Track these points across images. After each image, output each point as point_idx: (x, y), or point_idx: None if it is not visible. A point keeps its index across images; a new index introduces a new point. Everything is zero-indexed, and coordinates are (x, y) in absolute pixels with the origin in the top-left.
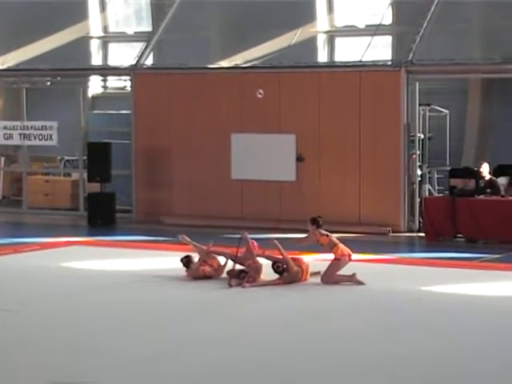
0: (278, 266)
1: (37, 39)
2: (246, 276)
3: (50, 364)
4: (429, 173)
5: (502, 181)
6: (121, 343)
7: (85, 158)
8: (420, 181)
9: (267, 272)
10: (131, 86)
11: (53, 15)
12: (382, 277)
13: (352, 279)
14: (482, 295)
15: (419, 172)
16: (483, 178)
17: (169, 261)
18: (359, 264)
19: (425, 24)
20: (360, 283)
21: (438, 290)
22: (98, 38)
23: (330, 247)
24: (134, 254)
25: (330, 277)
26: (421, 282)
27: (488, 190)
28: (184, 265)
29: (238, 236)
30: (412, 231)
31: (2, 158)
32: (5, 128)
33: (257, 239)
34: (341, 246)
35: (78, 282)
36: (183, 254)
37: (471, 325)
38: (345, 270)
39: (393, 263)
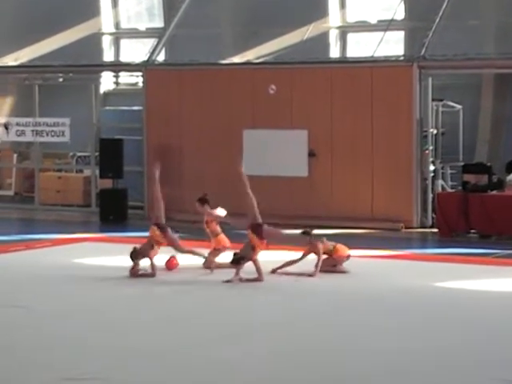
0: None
1: (49, 36)
2: (244, 260)
3: (62, 360)
4: (442, 168)
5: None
6: (133, 339)
7: (97, 154)
8: (433, 176)
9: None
10: (143, 82)
11: (65, 12)
12: (395, 273)
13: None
14: (495, 291)
15: (432, 167)
16: None
17: (180, 256)
18: (372, 260)
19: (437, 19)
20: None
21: (451, 285)
22: (110, 34)
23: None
24: None
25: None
26: (433, 278)
27: None
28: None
29: None
30: (425, 227)
31: (15, 155)
32: (17, 124)
33: None
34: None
35: (90, 278)
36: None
37: (484, 320)
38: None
39: (405, 259)
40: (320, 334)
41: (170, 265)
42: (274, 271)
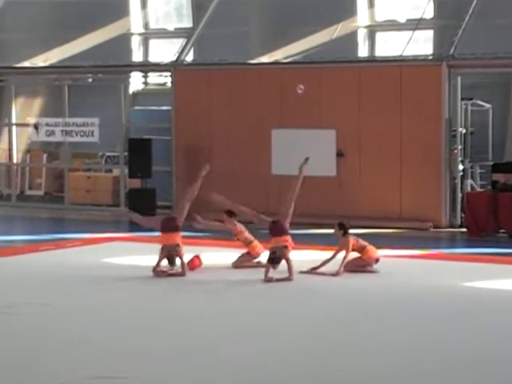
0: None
1: (79, 36)
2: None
3: (88, 358)
4: (471, 168)
5: None
6: (159, 338)
7: (126, 154)
8: (462, 176)
9: None
10: (172, 82)
11: (94, 13)
12: (424, 272)
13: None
14: None
15: (461, 167)
16: None
17: (208, 256)
18: (400, 260)
19: (466, 17)
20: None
21: (480, 285)
22: (139, 34)
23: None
24: None
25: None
26: (462, 278)
27: None
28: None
29: None
30: (454, 226)
31: (45, 155)
32: (47, 125)
33: (296, 235)
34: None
35: (119, 277)
36: (221, 249)
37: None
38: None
39: (434, 259)
40: (347, 333)
41: (193, 264)
42: (310, 271)
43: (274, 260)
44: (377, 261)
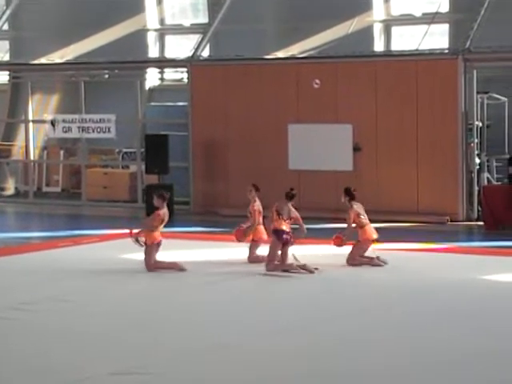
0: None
1: (95, 33)
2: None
3: (110, 354)
4: (487, 161)
5: None
6: (183, 334)
7: (142, 150)
8: (478, 169)
9: None
10: (188, 78)
11: (110, 9)
12: (442, 265)
13: (373, 262)
14: None
15: (477, 160)
16: None
17: (227, 252)
18: (418, 253)
19: (482, 11)
20: (381, 264)
21: (497, 278)
22: (155, 30)
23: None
24: (193, 245)
25: (353, 259)
26: (480, 271)
27: None
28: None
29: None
30: (471, 220)
31: (61, 151)
32: (64, 121)
33: (313, 229)
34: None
35: (136, 273)
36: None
37: None
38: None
39: (451, 252)
40: (358, 327)
41: (240, 235)
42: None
43: (290, 195)
44: (372, 241)
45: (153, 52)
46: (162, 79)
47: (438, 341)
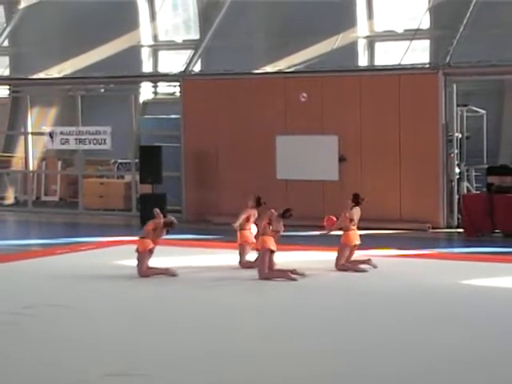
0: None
1: (91, 48)
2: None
3: (104, 357)
4: (467, 171)
5: None
6: (176, 338)
7: (137, 160)
8: (458, 178)
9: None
10: (180, 92)
11: (106, 26)
12: (422, 271)
13: (356, 267)
14: None
15: (457, 170)
16: None
17: (218, 258)
18: (400, 259)
19: (461, 28)
20: (365, 270)
21: (477, 283)
22: (149, 46)
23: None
24: (185, 252)
25: (341, 265)
26: (459, 276)
27: None
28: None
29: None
30: (451, 227)
31: (59, 162)
32: (61, 133)
33: (300, 237)
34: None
35: (131, 278)
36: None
37: (509, 317)
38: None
39: (432, 258)
40: (344, 333)
41: (330, 223)
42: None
43: (287, 215)
44: (355, 246)
45: (147, 67)
46: (155, 93)
47: (420, 345)
